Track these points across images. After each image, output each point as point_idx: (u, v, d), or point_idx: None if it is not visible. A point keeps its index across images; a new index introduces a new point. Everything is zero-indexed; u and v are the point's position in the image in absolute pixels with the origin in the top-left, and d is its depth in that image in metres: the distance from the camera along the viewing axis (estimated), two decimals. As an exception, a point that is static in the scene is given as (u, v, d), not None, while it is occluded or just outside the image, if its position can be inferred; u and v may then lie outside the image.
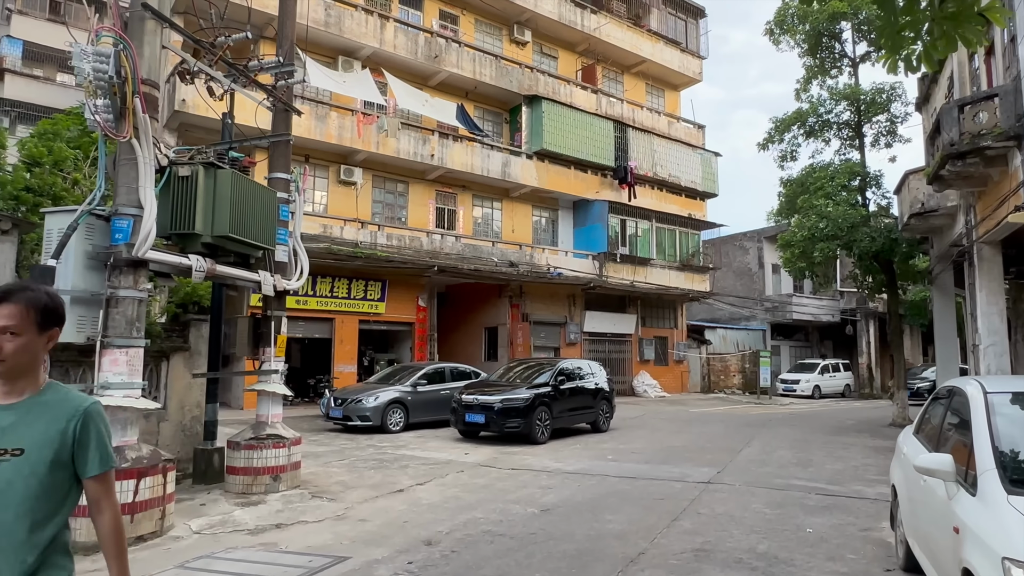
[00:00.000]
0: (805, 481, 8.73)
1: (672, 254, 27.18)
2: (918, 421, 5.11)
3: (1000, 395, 3.67)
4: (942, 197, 13.48)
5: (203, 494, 7.77)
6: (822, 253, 15.78)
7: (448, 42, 21.64)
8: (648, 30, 27.93)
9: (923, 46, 4.61)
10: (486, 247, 21.85)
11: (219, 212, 6.98)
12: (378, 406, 13.79)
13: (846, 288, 30.55)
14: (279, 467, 8.00)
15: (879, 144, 18.27)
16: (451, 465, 10.06)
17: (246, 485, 7.79)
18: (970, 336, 12.42)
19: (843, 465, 10.09)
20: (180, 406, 8.65)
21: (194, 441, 8.62)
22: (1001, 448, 3.25)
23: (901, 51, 4.75)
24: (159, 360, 8.45)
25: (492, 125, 24.03)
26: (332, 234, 18.46)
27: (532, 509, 7.14)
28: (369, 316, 20.08)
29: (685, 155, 28.02)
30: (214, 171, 7.01)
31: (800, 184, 17.34)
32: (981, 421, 3.45)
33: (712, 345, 30.57)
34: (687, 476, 9.01)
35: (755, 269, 33.52)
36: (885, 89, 17.21)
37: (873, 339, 31.59)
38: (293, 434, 8.37)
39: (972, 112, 10.03)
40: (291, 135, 8.67)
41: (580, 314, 25.08)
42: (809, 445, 12.58)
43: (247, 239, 7.36)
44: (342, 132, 19.04)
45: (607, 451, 11.62)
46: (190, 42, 7.82)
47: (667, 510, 7.01)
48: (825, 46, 18.84)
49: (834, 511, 7.03)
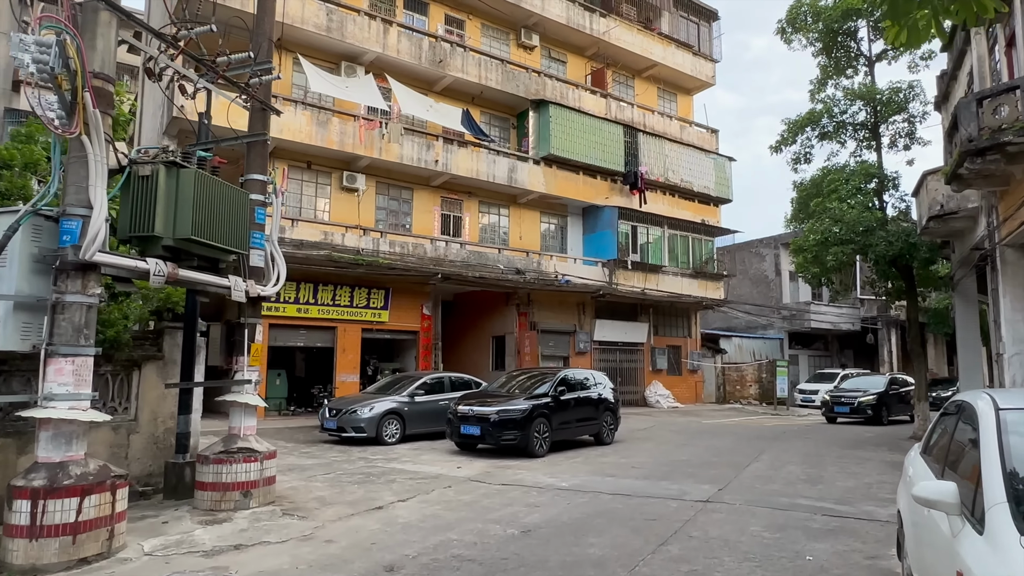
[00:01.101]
0: (812, 500, 8.13)
1: (685, 261, 26.55)
2: (925, 439, 4.56)
3: (1016, 412, 3.14)
4: (962, 198, 12.81)
5: (170, 510, 7.39)
6: (835, 258, 15.11)
7: (453, 47, 21.34)
8: (659, 33, 27.44)
9: (932, 10, 4.11)
10: (492, 254, 21.43)
11: (181, 213, 6.63)
12: (373, 417, 13.38)
13: (867, 296, 29.65)
14: (250, 482, 7.60)
15: (897, 146, 17.57)
16: (439, 480, 9.60)
17: (214, 501, 7.39)
18: (994, 345, 11.73)
19: (856, 482, 9.47)
20: (153, 417, 8.29)
21: (167, 454, 8.25)
22: (1015, 477, 2.72)
23: (907, 18, 4.25)
24: (130, 369, 8.11)
25: (499, 131, 23.67)
26: (333, 241, 18.17)
27: (512, 530, 6.65)
28: (372, 324, 19.73)
29: (698, 160, 27.43)
30: (176, 170, 6.66)
31: (814, 187, 16.70)
32: (991, 444, 2.93)
33: (727, 354, 29.82)
34: (685, 494, 8.46)
35: (772, 276, 32.73)
36: (902, 88, 16.55)
37: (895, 348, 30.61)
38: (267, 447, 7.97)
39: (992, 106, 9.42)
40: (267, 135, 8.31)
41: (590, 323, 24.54)
42: (822, 460, 11.93)
43: (214, 242, 7.00)
44: (344, 138, 18.78)
45: (607, 465, 11.09)
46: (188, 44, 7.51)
47: (656, 533, 6.48)
48: (840, 45, 18.21)
49: (840, 535, 6.45)
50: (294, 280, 18.09)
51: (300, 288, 18.27)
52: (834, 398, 20.96)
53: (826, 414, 21.09)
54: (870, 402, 20.03)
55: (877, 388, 20.77)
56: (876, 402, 20.04)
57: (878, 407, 20.01)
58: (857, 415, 20.14)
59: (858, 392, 20.52)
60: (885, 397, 20.36)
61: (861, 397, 20.18)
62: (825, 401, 21.50)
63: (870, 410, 19.93)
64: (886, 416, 20.13)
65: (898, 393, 21.07)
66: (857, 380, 22.53)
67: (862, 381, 22.11)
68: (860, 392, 20.47)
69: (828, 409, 20.94)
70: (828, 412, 20.90)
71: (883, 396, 20.29)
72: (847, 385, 21.96)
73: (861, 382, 21.90)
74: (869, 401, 20.07)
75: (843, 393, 20.99)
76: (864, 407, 20.00)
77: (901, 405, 20.83)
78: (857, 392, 20.55)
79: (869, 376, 23.40)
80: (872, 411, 19.92)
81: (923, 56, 17.71)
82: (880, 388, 20.72)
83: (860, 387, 21.11)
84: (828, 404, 21.06)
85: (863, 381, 22.07)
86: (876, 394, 20.30)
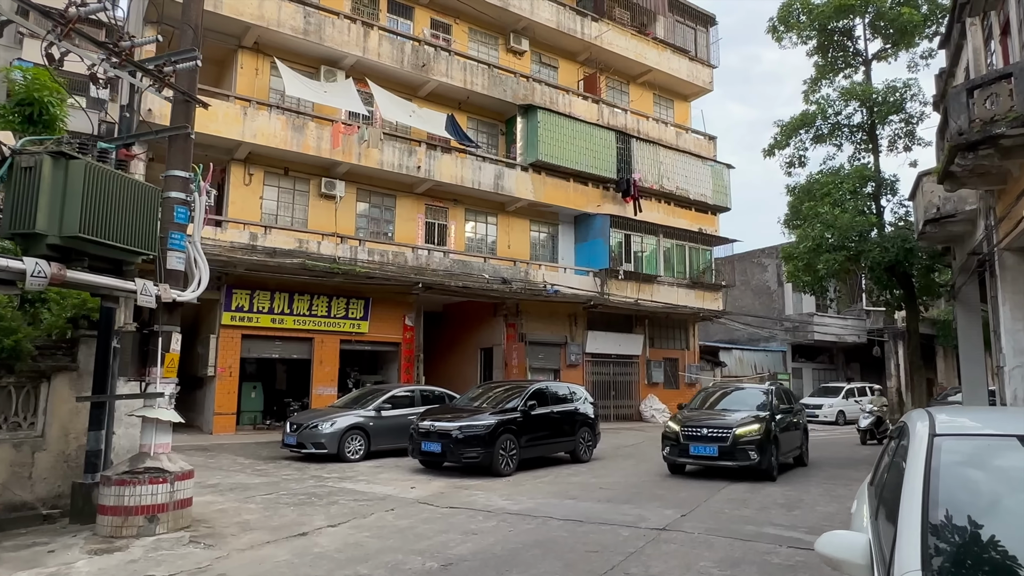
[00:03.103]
0: (782, 529, 7.32)
1: (681, 271, 25.73)
2: (875, 466, 3.80)
3: (957, 440, 2.39)
4: (959, 200, 12.00)
5: (67, 537, 6.71)
6: (827, 266, 14.29)
7: (437, 51, 20.80)
8: (654, 38, 26.79)
9: None
10: (478, 263, 20.75)
11: (69, 208, 6.01)
12: (334, 433, 12.68)
13: (873, 308, 28.66)
14: (157, 506, 6.91)
15: (896, 147, 16.80)
16: (385, 502, 8.87)
17: (115, 527, 6.70)
18: (994, 356, 10.88)
19: (838, 507, 8.63)
20: (64, 434, 7.65)
21: (80, 474, 7.60)
22: (938, 534, 1.98)
23: None
24: (38, 381, 7.49)
25: (487, 137, 23.07)
26: (309, 249, 17.57)
27: (432, 563, 5.92)
28: (351, 336, 19.07)
29: (695, 167, 26.67)
30: (65, 162, 6.05)
31: (806, 191, 15.92)
32: (914, 483, 2.19)
33: (727, 367, 28.88)
34: (643, 520, 7.67)
35: (774, 287, 31.81)
36: (898, 87, 15.78)
37: (902, 361, 29.48)
38: (181, 467, 7.28)
39: (983, 95, 8.65)
40: (190, 128, 7.69)
41: (582, 334, 23.76)
42: (808, 480, 11.08)
43: (111, 241, 6.37)
44: (321, 143, 18.22)
45: (573, 486, 10.31)
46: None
47: (591, 569, 5.72)
48: (837, 44, 17.52)
49: (800, 572, 5.67)
50: (268, 290, 17.52)
51: (275, 298, 17.67)
52: None
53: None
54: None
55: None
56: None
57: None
58: None
59: None
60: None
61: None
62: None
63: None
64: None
65: None
66: None
67: None
68: None
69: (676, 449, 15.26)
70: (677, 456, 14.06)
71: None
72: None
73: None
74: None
75: None
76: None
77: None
78: None
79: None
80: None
81: (923, 55, 16.97)
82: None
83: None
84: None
85: None
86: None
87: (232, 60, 18.46)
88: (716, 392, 13.23)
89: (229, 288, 16.90)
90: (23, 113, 9.38)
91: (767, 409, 11.41)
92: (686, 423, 11.20)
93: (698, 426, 11.01)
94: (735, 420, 10.95)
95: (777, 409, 11.68)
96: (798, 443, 12.71)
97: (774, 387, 12.78)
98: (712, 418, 11.31)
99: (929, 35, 16.39)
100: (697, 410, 12.28)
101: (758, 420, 10.92)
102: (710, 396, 13.03)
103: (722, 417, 11.27)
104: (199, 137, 16.25)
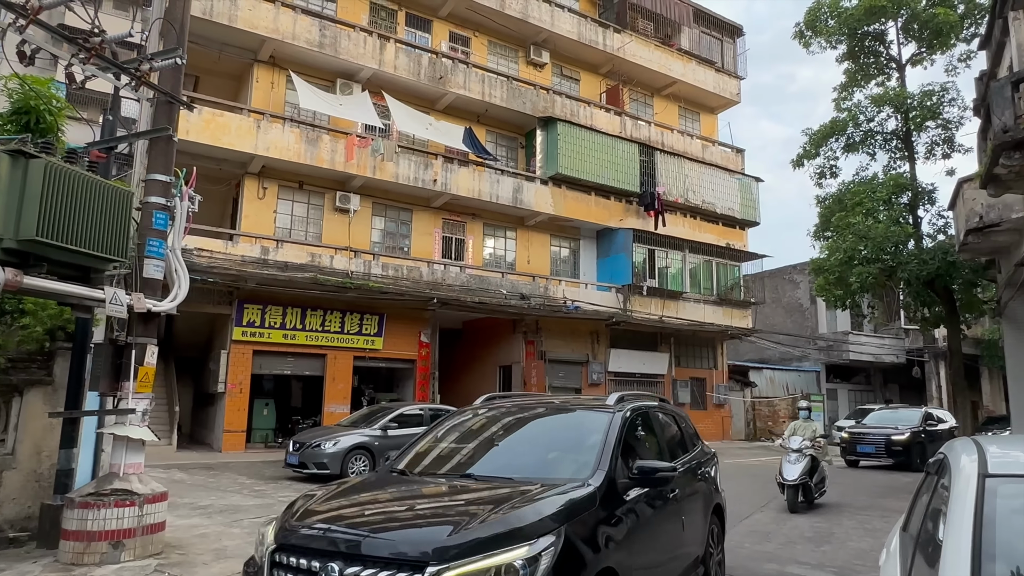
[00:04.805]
0: (807, 568, 6.55)
1: (708, 287, 24.87)
2: (908, 509, 3.11)
3: (1013, 481, 1.75)
4: (1004, 207, 11.11)
5: (27, 563, 6.28)
6: (859, 279, 13.41)
7: (454, 63, 20.52)
8: (678, 49, 26.22)
9: None
10: (495, 278, 20.24)
11: (27, 211, 5.63)
12: (337, 452, 12.19)
13: (910, 326, 27.36)
14: (123, 531, 6.43)
15: (934, 155, 15.87)
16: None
17: (76, 553, 6.23)
18: (1046, 377, 9.94)
19: (872, 542, 7.79)
20: (36, 451, 7.26)
21: (51, 495, 7.19)
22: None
23: None
24: (8, 396, 7.13)
25: (506, 150, 22.65)
26: (321, 263, 17.26)
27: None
28: (365, 352, 18.65)
29: (721, 180, 25.88)
30: (25, 161, 5.69)
31: (837, 201, 15.08)
32: (961, 538, 1.55)
33: (758, 388, 27.78)
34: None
35: (806, 304, 30.65)
36: (935, 91, 14.90)
37: (944, 382, 28.08)
38: (153, 489, 6.81)
39: (1030, 89, 7.90)
40: (172, 130, 7.32)
41: (604, 352, 23.02)
42: (840, 511, 10.21)
43: (76, 247, 5.98)
44: (335, 156, 17.98)
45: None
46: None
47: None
48: (868, 50, 16.72)
49: (826, 623, 4.93)
50: (280, 304, 17.23)
51: (287, 313, 17.36)
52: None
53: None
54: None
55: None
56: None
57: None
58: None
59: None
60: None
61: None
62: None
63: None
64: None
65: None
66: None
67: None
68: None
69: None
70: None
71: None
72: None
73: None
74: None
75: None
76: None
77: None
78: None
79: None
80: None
81: (961, 57, 16.09)
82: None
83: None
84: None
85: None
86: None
87: (248, 74, 18.38)
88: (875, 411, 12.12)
89: (240, 303, 16.63)
90: (19, 122, 9.21)
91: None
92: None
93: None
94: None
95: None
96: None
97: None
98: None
99: (967, 37, 15.54)
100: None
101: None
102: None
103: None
104: (212, 150, 16.35)
